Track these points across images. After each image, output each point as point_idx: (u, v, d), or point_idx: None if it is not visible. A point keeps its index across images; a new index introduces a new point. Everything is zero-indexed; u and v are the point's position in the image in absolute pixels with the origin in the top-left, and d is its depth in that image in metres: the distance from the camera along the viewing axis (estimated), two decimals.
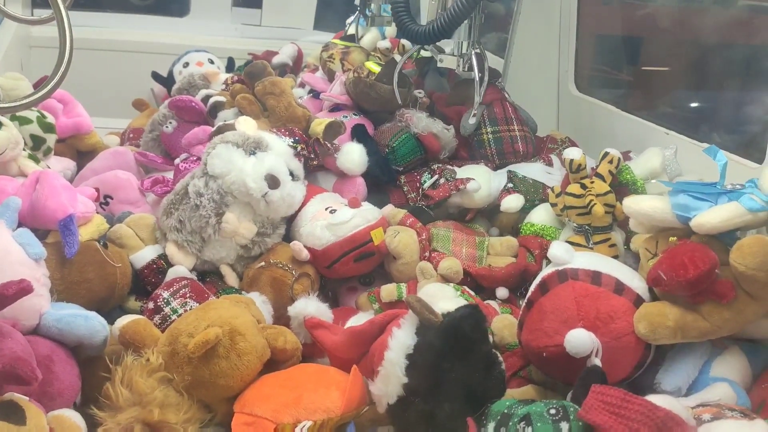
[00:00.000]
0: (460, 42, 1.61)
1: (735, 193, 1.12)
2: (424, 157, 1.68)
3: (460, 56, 1.62)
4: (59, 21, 1.10)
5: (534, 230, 1.50)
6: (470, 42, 1.61)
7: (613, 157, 1.42)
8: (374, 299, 1.41)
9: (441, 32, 1.51)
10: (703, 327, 1.09)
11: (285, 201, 1.43)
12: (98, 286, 1.31)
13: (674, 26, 2.02)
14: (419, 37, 1.55)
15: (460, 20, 1.49)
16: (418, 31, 1.55)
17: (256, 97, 1.68)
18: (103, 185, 1.57)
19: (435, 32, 1.51)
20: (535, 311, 1.20)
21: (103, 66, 2.75)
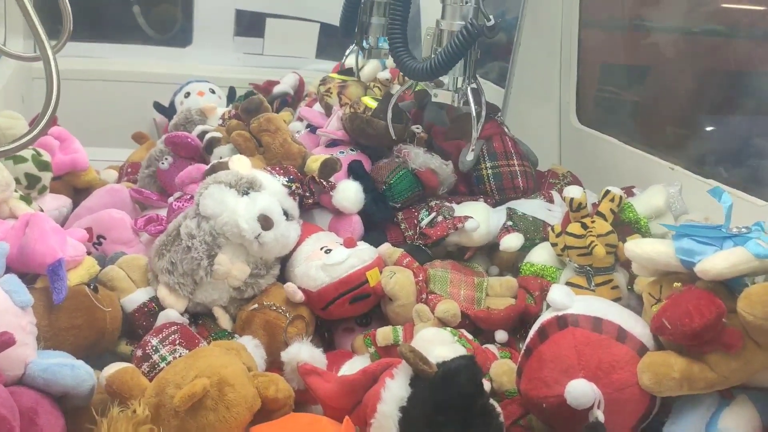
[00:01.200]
0: (455, 77, 1.58)
1: (741, 238, 1.08)
2: (421, 193, 1.65)
3: (455, 91, 1.59)
4: (46, 65, 1.08)
5: (534, 270, 1.46)
6: (465, 77, 1.58)
7: (615, 195, 1.39)
8: (370, 342, 1.37)
9: (439, 69, 1.49)
10: (710, 378, 1.05)
11: (279, 242, 1.40)
12: (87, 332, 1.29)
13: (680, 56, 1.99)
14: (417, 73, 1.53)
15: (457, 57, 1.48)
16: (416, 68, 1.53)
17: (251, 133, 1.66)
18: (96, 225, 1.55)
19: (433, 69, 1.49)
20: (534, 359, 1.16)
21: (105, 96, 2.76)
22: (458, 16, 1.55)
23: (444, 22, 1.57)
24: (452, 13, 1.56)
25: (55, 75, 1.10)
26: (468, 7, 1.54)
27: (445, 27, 1.57)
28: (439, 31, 1.58)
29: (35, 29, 1.10)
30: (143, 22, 2.99)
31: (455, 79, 1.58)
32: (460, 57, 1.49)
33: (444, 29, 1.57)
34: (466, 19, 1.52)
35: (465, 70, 1.58)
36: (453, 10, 1.56)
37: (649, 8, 2.05)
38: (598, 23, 2.11)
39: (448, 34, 1.55)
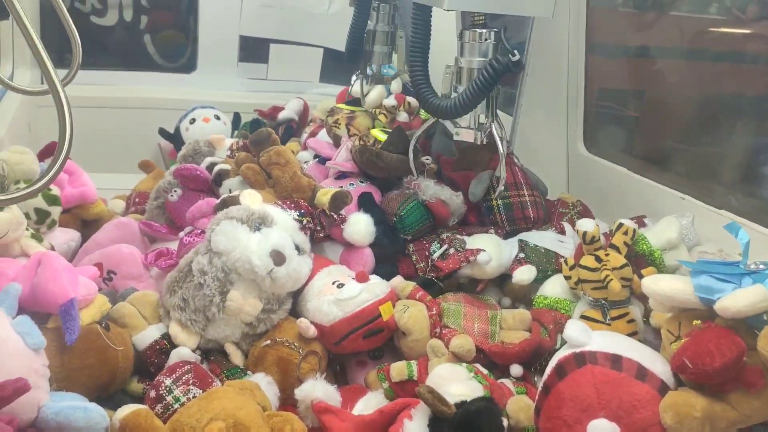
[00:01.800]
0: (477, 114, 1.58)
1: (760, 275, 1.08)
2: (432, 225, 1.65)
3: (478, 128, 1.59)
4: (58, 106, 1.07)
5: (547, 303, 1.45)
6: (488, 114, 1.58)
7: (629, 228, 1.38)
8: (384, 378, 1.36)
9: (465, 106, 1.49)
10: (732, 417, 1.05)
11: (291, 277, 1.39)
12: (99, 372, 1.28)
13: (687, 82, 1.99)
14: (442, 111, 1.53)
15: (483, 94, 1.48)
16: (441, 106, 1.53)
17: (261, 166, 1.66)
18: (106, 260, 1.54)
19: (459, 106, 1.50)
20: (552, 397, 1.15)
21: (111, 122, 2.77)
22: (477, 53, 1.55)
23: (463, 60, 1.57)
24: (470, 50, 1.56)
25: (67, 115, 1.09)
26: (487, 44, 1.53)
27: (464, 64, 1.56)
28: (458, 69, 1.57)
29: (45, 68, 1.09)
30: (153, 50, 3.01)
31: (477, 116, 1.57)
32: (486, 94, 1.49)
33: (463, 66, 1.56)
34: (485, 56, 1.52)
35: (488, 106, 1.57)
36: (471, 47, 1.55)
37: (657, 33, 2.06)
38: (604, 49, 2.12)
39: (468, 72, 1.55)
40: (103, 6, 2.88)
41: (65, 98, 1.03)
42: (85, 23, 2.86)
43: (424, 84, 1.57)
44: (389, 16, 2.08)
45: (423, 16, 1.58)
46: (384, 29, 2.08)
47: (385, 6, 2.07)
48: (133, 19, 2.95)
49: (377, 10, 2.07)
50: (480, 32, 1.53)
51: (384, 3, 2.06)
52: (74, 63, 1.47)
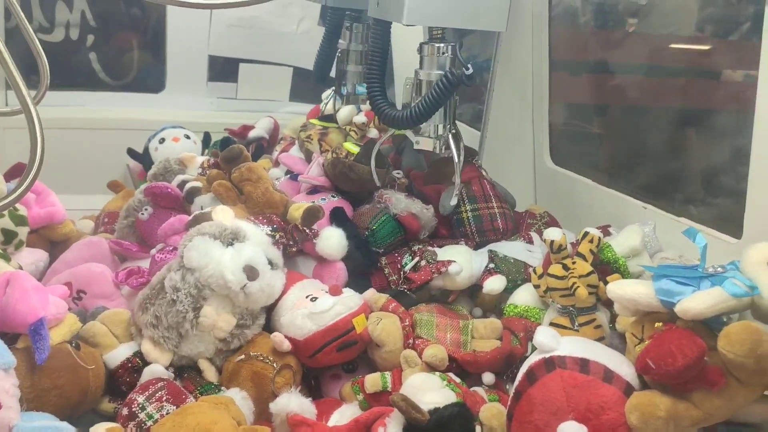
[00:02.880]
0: (436, 124, 1.61)
1: (717, 278, 1.12)
2: (404, 238, 1.67)
3: (436, 138, 1.62)
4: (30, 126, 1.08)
5: (517, 312, 1.48)
6: (446, 124, 1.61)
7: (594, 236, 1.42)
8: (358, 389, 1.37)
9: (419, 117, 1.52)
10: (695, 415, 1.08)
11: (264, 291, 1.40)
12: (70, 391, 1.26)
13: (649, 96, 2.06)
14: (397, 122, 1.56)
15: (437, 105, 1.51)
16: (396, 116, 1.56)
17: (232, 183, 1.67)
18: (76, 279, 1.53)
19: (413, 117, 1.52)
20: (523, 402, 1.17)
21: (79, 144, 2.74)
22: (435, 66, 1.58)
23: (422, 72, 1.60)
24: (430, 63, 1.59)
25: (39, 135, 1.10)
26: (445, 57, 1.57)
27: (423, 77, 1.59)
28: (418, 81, 1.61)
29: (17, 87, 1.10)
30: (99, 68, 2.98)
31: (435, 127, 1.60)
32: (439, 105, 1.52)
33: (422, 79, 1.60)
34: (443, 69, 1.55)
35: (445, 117, 1.60)
36: (430, 60, 1.59)
37: (617, 50, 2.13)
38: (567, 65, 2.18)
39: (427, 84, 1.58)
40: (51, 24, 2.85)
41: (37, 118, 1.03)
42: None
43: (379, 95, 1.61)
44: (363, 36, 2.08)
45: (381, 30, 1.63)
46: (358, 48, 2.08)
47: (359, 26, 2.08)
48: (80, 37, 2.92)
49: (350, 30, 2.07)
50: (438, 46, 1.57)
51: (357, 23, 2.07)
52: (42, 83, 1.47)
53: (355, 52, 2.08)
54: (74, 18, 2.85)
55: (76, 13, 2.85)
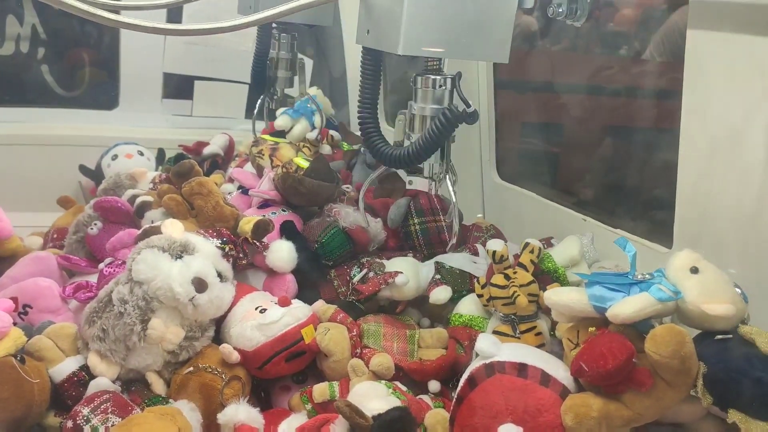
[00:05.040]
0: (432, 164, 1.49)
1: (645, 284, 1.18)
2: (353, 250, 1.70)
3: (431, 178, 1.51)
4: None
5: (462, 321, 1.52)
6: (443, 163, 1.50)
7: (534, 247, 1.48)
8: (307, 399, 1.39)
9: (417, 156, 1.42)
10: (626, 415, 1.13)
11: (213, 303, 1.41)
12: (14, 405, 1.25)
13: (587, 114, 2.16)
14: (393, 161, 1.46)
15: (437, 144, 1.41)
16: (392, 155, 1.45)
17: (183, 197, 1.68)
18: (21, 294, 1.51)
19: (411, 156, 1.42)
20: (465, 407, 1.21)
21: (29, 160, 2.70)
22: (431, 100, 1.45)
23: (416, 106, 1.47)
24: (424, 97, 1.46)
25: None
26: (442, 91, 1.44)
27: (417, 111, 1.47)
28: (411, 115, 1.48)
29: None
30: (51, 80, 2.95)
31: (431, 165, 1.49)
32: (439, 144, 1.41)
33: (416, 114, 1.47)
34: (439, 103, 1.44)
35: (442, 156, 1.49)
36: (424, 93, 1.46)
37: (559, 71, 2.22)
38: (512, 84, 2.27)
39: (420, 119, 1.46)
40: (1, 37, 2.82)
41: None
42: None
43: (374, 132, 1.49)
44: (289, 44, 2.31)
45: (372, 60, 1.47)
46: (285, 56, 2.30)
47: (286, 35, 2.29)
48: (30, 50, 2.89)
49: (278, 39, 2.29)
50: (434, 78, 1.44)
51: (284, 33, 2.29)
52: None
53: (283, 59, 2.31)
54: (25, 31, 2.83)
55: (26, 27, 2.83)
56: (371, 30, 1.43)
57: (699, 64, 1.30)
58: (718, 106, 1.28)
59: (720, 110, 1.28)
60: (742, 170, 1.26)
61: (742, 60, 1.22)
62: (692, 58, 1.31)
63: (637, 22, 1.95)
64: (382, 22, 1.38)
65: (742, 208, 1.27)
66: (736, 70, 1.23)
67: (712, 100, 1.29)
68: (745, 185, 1.25)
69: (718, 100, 1.28)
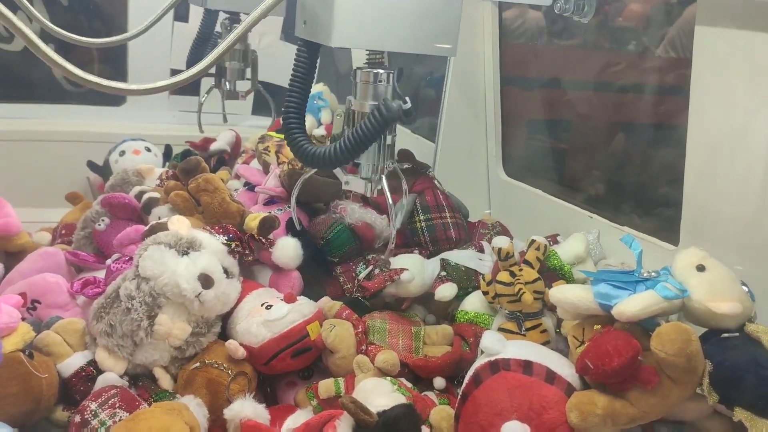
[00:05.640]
0: (370, 164, 1.35)
1: (651, 281, 1.18)
2: (358, 247, 1.71)
3: (368, 179, 1.37)
4: None
5: (468, 318, 1.53)
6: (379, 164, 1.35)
7: (540, 244, 1.48)
8: (312, 395, 1.40)
9: (344, 155, 1.25)
10: (631, 413, 1.13)
11: (219, 300, 1.42)
12: (23, 400, 1.26)
13: (594, 111, 2.15)
14: (316, 160, 1.27)
15: (367, 142, 1.25)
16: (315, 153, 1.27)
17: (190, 193, 1.68)
18: (30, 289, 1.53)
19: (336, 155, 1.25)
20: (469, 404, 1.21)
21: (37, 156, 2.72)
22: (370, 96, 1.32)
23: (355, 102, 1.35)
24: (364, 92, 1.33)
25: None
26: (383, 86, 1.32)
27: (356, 107, 1.34)
28: (351, 111, 1.36)
29: None
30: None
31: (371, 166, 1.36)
32: (370, 143, 1.25)
33: (355, 109, 1.35)
34: (379, 99, 1.30)
35: (379, 155, 1.34)
36: (364, 88, 1.33)
37: (566, 67, 2.22)
38: (518, 81, 2.26)
39: (360, 115, 1.33)
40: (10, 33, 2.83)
41: None
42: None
43: (296, 128, 1.32)
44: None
45: (307, 53, 1.32)
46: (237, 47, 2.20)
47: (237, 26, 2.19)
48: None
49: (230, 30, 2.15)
50: (374, 72, 1.31)
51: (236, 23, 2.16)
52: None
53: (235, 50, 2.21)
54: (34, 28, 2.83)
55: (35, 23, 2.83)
56: (307, 21, 1.30)
57: (707, 61, 1.29)
58: (727, 103, 1.28)
59: (728, 107, 1.28)
60: (749, 168, 1.25)
61: (750, 57, 1.21)
62: (700, 54, 1.30)
63: (646, 18, 1.94)
64: (316, 13, 1.26)
65: (749, 205, 1.27)
66: (744, 68, 1.23)
67: (721, 97, 1.29)
68: (752, 183, 1.25)
69: (726, 97, 1.27)
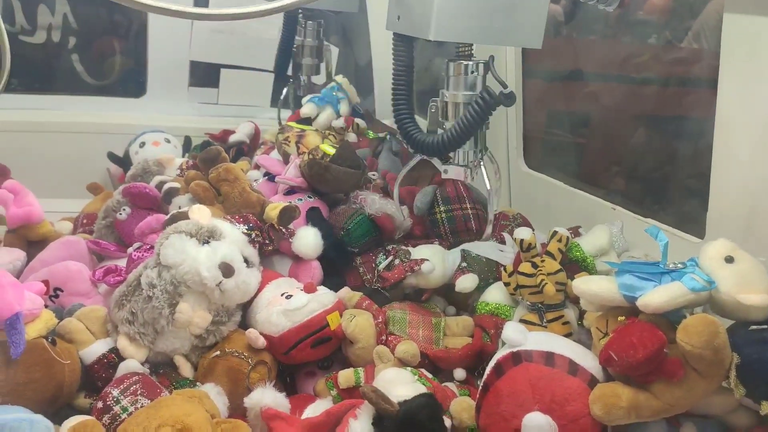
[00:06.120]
0: (466, 151, 1.47)
1: (677, 273, 1.16)
2: (379, 238, 1.70)
3: (467, 165, 1.49)
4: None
5: (489, 309, 1.51)
6: (477, 150, 1.47)
7: (562, 235, 1.46)
8: (332, 385, 1.40)
9: (451, 144, 1.40)
10: (655, 406, 1.11)
11: (240, 289, 1.42)
12: (46, 386, 1.27)
13: (617, 103, 2.12)
14: (427, 148, 1.44)
15: (473, 130, 1.38)
16: (426, 142, 1.44)
17: (210, 183, 1.69)
18: (52, 277, 1.54)
19: (445, 144, 1.41)
20: (491, 395, 1.20)
21: (58, 147, 2.74)
22: (463, 86, 1.45)
23: (448, 93, 1.46)
24: (456, 84, 1.45)
25: None
26: (474, 77, 1.44)
27: (449, 98, 1.46)
28: (444, 103, 1.47)
29: None
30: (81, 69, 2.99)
31: (465, 153, 1.48)
32: (474, 130, 1.39)
33: (448, 101, 1.46)
34: (472, 89, 1.43)
35: (476, 142, 1.47)
36: (456, 80, 1.45)
37: (588, 58, 2.19)
38: (540, 73, 2.24)
39: (453, 106, 1.46)
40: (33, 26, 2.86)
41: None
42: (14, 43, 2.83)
43: (407, 119, 1.47)
44: (315, 31, 2.29)
45: (404, 47, 1.46)
46: (311, 44, 2.29)
47: (312, 23, 2.28)
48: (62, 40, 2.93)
49: (304, 27, 2.28)
50: (466, 64, 1.43)
51: (310, 20, 2.27)
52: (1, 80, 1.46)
53: (309, 46, 2.30)
54: (56, 21, 2.86)
55: (58, 16, 2.86)
56: (402, 16, 1.43)
57: (736, 50, 1.26)
58: (756, 93, 1.25)
59: (757, 98, 1.25)
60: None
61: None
62: (729, 44, 1.27)
63: (671, 8, 1.91)
64: (412, 7, 1.37)
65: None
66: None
67: (749, 87, 1.26)
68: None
69: (755, 85, 1.25)
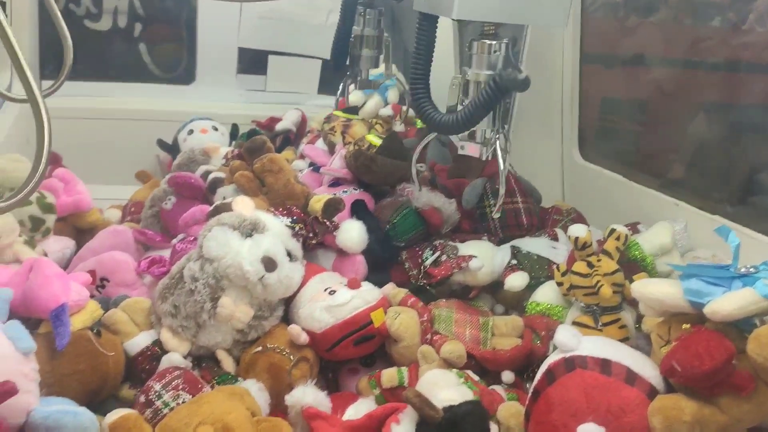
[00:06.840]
0: (483, 129, 1.46)
1: (749, 278, 1.07)
2: (425, 232, 1.65)
3: (483, 143, 1.47)
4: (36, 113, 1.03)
5: (539, 310, 1.45)
6: (494, 129, 1.45)
7: (620, 233, 1.38)
8: (375, 384, 1.36)
9: (465, 123, 1.38)
10: (721, 421, 1.04)
11: (282, 283, 1.39)
12: (90, 377, 1.28)
13: (682, 90, 2.00)
14: (442, 126, 1.42)
15: (485, 110, 1.36)
16: (441, 120, 1.41)
17: (254, 173, 1.66)
18: (99, 267, 1.54)
19: (459, 123, 1.38)
20: (542, 402, 1.14)
21: (109, 134, 2.78)
22: (485, 66, 1.42)
23: (470, 72, 1.44)
24: (478, 62, 1.43)
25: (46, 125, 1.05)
26: (496, 56, 1.41)
27: (471, 77, 1.44)
28: (465, 81, 1.45)
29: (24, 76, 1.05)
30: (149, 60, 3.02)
31: (483, 131, 1.46)
32: (488, 110, 1.37)
33: (470, 79, 1.44)
34: (494, 69, 1.41)
35: (494, 122, 1.45)
36: (479, 59, 1.42)
37: (651, 43, 2.07)
38: (599, 58, 2.13)
39: (475, 84, 1.43)
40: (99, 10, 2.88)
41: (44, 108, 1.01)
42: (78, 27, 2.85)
43: (423, 97, 1.45)
44: (375, 21, 2.11)
45: (428, 25, 1.45)
46: (371, 33, 2.10)
47: (372, 11, 2.11)
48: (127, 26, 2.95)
49: (364, 15, 2.10)
50: (489, 44, 1.41)
51: (370, 8, 2.10)
52: (64, 70, 1.46)
53: (369, 37, 2.10)
54: (122, 5, 2.88)
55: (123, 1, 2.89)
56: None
57: None
58: None
59: None
60: None
61: None
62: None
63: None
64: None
65: None
66: None
67: None
68: None
69: None
